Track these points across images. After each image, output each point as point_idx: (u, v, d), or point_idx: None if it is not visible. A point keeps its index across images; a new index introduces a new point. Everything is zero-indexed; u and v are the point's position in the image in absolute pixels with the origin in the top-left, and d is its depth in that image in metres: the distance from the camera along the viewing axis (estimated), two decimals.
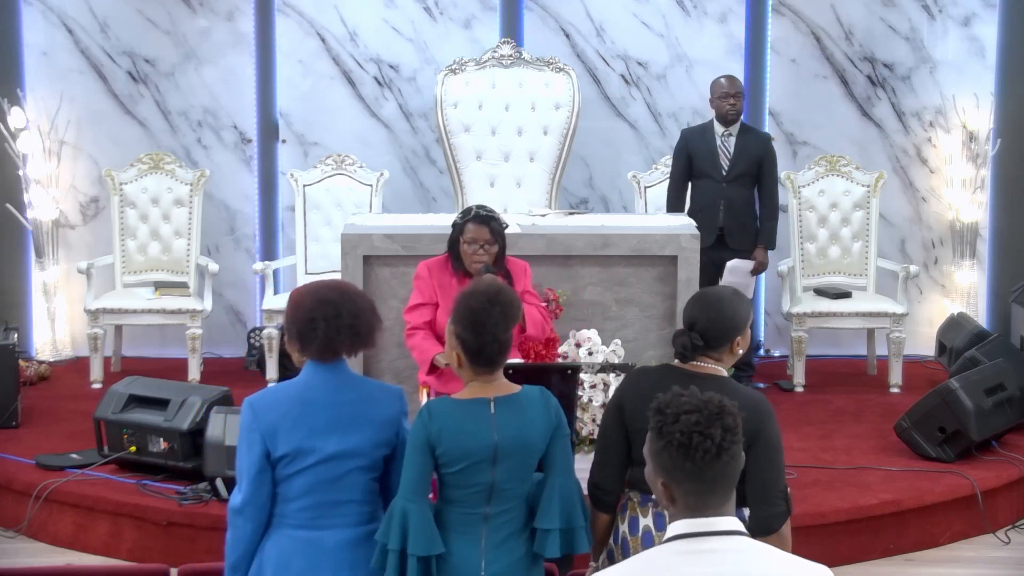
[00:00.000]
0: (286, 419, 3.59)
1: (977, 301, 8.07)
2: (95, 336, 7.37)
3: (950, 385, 6.29)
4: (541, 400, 3.69)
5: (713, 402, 2.60)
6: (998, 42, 8.01)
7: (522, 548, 3.68)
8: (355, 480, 3.64)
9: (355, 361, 5.87)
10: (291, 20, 8.01)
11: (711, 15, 8.04)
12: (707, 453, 2.55)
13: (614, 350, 5.68)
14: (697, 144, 7.16)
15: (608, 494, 3.76)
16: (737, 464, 2.59)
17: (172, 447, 5.82)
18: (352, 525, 3.65)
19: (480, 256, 5.27)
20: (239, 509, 3.61)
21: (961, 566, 5.76)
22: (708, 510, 2.57)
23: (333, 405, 3.62)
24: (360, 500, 3.66)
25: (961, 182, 8.00)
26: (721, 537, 2.56)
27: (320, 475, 3.60)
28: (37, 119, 7.84)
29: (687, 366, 3.73)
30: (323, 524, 3.62)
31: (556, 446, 3.69)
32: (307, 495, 3.61)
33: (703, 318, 3.70)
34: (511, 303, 3.67)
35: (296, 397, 3.62)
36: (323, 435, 3.59)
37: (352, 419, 3.62)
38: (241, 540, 3.63)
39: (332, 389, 3.63)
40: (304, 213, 7.72)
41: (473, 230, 5.29)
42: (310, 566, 3.60)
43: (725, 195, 7.11)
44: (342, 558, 3.62)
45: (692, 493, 2.58)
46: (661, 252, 6.01)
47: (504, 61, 7.67)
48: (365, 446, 3.63)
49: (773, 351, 8.24)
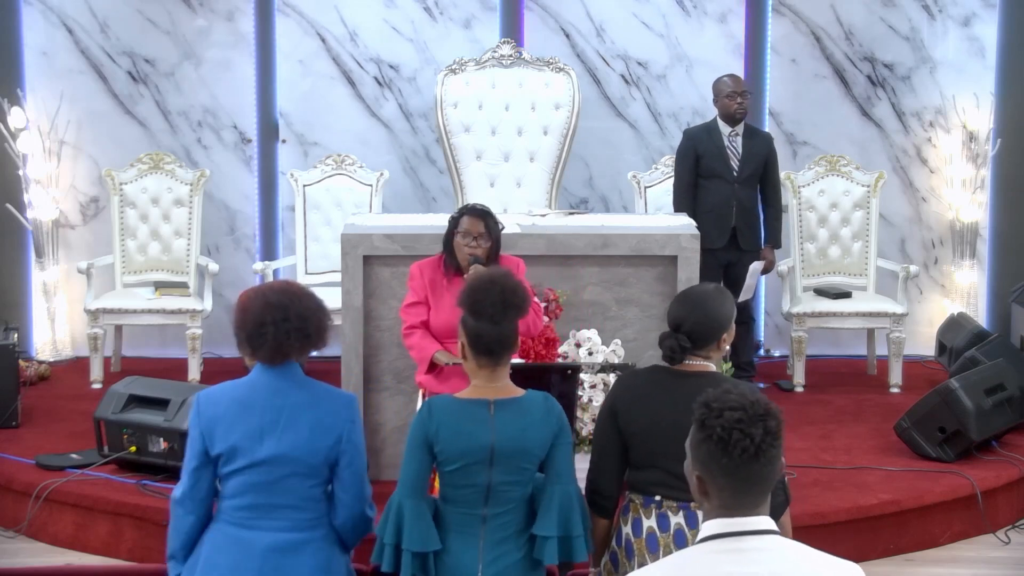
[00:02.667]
0: (223, 419, 3.61)
1: (977, 301, 8.06)
2: (95, 336, 7.37)
3: (950, 385, 6.28)
4: (543, 406, 3.68)
5: (760, 403, 2.60)
6: (998, 42, 8.01)
7: (522, 550, 3.67)
8: (291, 485, 3.62)
9: (355, 360, 5.88)
10: (291, 20, 8.01)
11: (711, 15, 8.04)
12: (745, 452, 2.55)
13: (614, 350, 5.68)
14: (706, 145, 7.15)
15: (606, 499, 3.75)
16: (774, 468, 2.59)
17: (172, 447, 5.82)
18: (286, 530, 3.63)
19: (472, 248, 5.27)
20: (179, 500, 3.67)
21: (961, 566, 5.76)
22: (743, 509, 2.58)
23: (271, 409, 3.61)
24: (296, 506, 3.64)
25: (961, 182, 8.00)
26: (757, 536, 2.57)
27: (253, 477, 3.60)
28: (37, 119, 7.84)
29: (677, 366, 3.73)
30: (256, 525, 3.62)
31: (557, 453, 3.67)
32: (241, 495, 3.62)
33: (689, 319, 3.71)
34: (514, 289, 3.66)
35: (237, 398, 3.63)
36: (257, 438, 3.59)
37: (288, 423, 3.61)
38: (180, 531, 3.67)
39: (274, 392, 3.63)
40: (304, 213, 7.72)
41: (467, 222, 5.31)
42: (237, 565, 3.60)
43: (737, 195, 7.13)
44: (270, 561, 3.61)
45: (727, 490, 2.58)
46: (661, 252, 6.00)
47: (504, 61, 7.67)
48: (300, 452, 3.60)
49: (773, 351, 8.23)
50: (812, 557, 2.61)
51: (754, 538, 2.57)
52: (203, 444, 3.62)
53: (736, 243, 7.12)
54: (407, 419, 5.76)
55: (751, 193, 7.20)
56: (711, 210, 7.07)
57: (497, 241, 5.35)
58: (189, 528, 3.67)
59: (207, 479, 3.64)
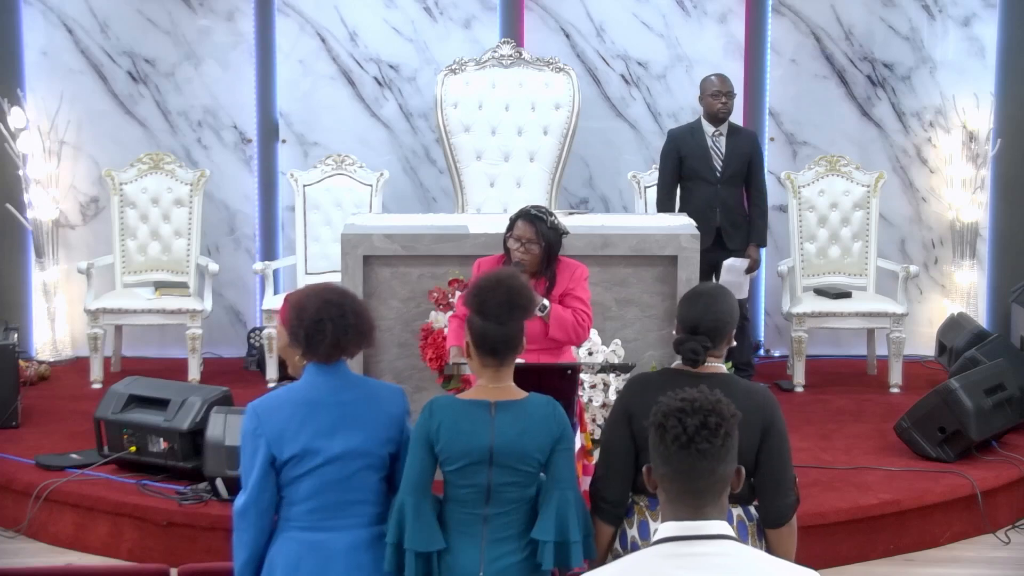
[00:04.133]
0: (291, 421, 3.60)
1: (977, 301, 8.06)
2: (95, 336, 7.37)
3: (950, 385, 6.28)
4: (546, 410, 3.66)
5: (707, 399, 2.61)
6: (998, 42, 8.01)
7: (523, 551, 3.66)
8: (363, 480, 3.64)
9: (355, 361, 5.88)
10: (291, 20, 8.01)
11: (711, 15, 8.04)
12: (676, 440, 2.56)
13: (614, 350, 5.68)
14: (689, 146, 7.16)
15: (615, 506, 3.70)
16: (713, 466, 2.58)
17: (172, 447, 5.82)
18: (362, 526, 3.64)
19: (520, 253, 5.23)
20: (242, 512, 3.61)
21: (961, 566, 5.76)
22: (690, 510, 2.57)
23: (337, 405, 3.63)
24: (368, 500, 3.66)
25: (961, 182, 8.00)
26: (710, 541, 2.54)
27: (327, 476, 3.60)
28: (37, 119, 7.84)
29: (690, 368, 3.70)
30: (332, 526, 3.62)
31: (558, 458, 3.65)
32: (315, 497, 3.60)
33: (705, 320, 3.67)
34: (520, 290, 3.66)
35: (301, 399, 3.63)
36: (329, 435, 3.60)
37: (356, 418, 3.63)
38: (246, 544, 3.63)
39: (335, 389, 3.65)
40: (304, 213, 7.72)
41: (519, 227, 5.26)
42: (320, 568, 3.58)
43: (720, 196, 7.13)
44: (352, 560, 3.61)
45: (666, 480, 2.59)
46: (661, 252, 6.00)
47: (504, 61, 7.67)
48: (371, 444, 3.64)
49: (773, 351, 8.24)
50: (767, 562, 2.58)
51: (707, 543, 2.54)
52: (268, 451, 3.59)
53: (722, 243, 7.11)
54: None
55: (735, 192, 7.19)
56: (694, 212, 7.04)
57: (552, 244, 5.25)
58: (254, 539, 3.63)
59: (271, 488, 3.61)
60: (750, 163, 7.19)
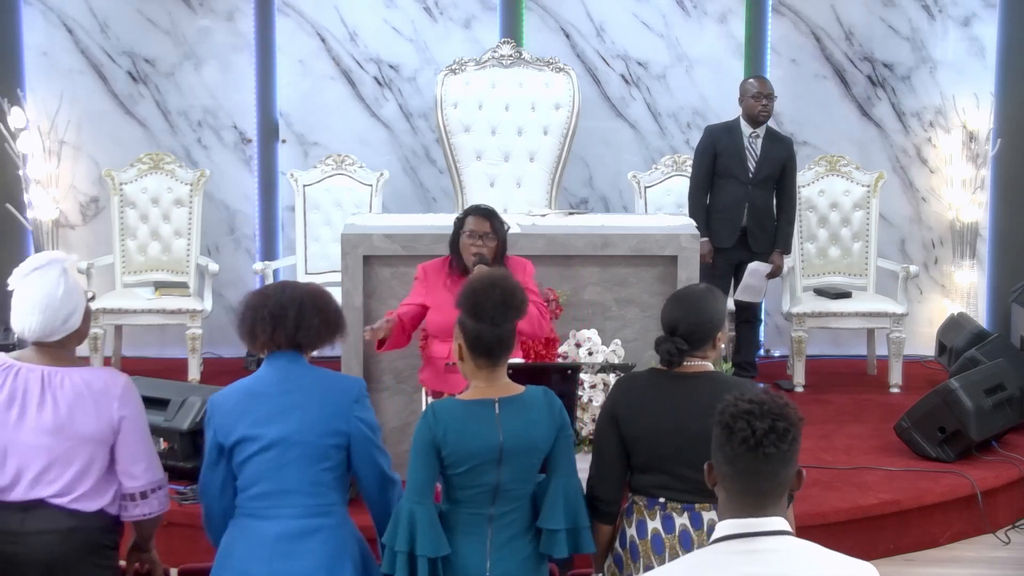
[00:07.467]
0: (235, 410, 3.73)
1: (977, 301, 8.07)
2: (95, 336, 7.37)
3: (950, 385, 6.28)
4: (545, 401, 3.69)
5: (776, 403, 2.66)
6: (998, 42, 8.01)
7: (528, 548, 3.68)
8: (298, 469, 3.69)
9: (355, 360, 5.88)
10: (291, 20, 8.01)
11: (711, 15, 8.04)
12: (744, 442, 2.59)
13: (614, 350, 5.68)
14: (724, 143, 7.16)
15: (609, 505, 3.76)
16: (779, 468, 2.62)
17: (172, 447, 5.82)
18: (295, 517, 3.70)
19: (478, 247, 5.26)
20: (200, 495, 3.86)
21: (961, 566, 5.76)
22: (751, 509, 2.61)
23: (280, 395, 3.72)
24: (303, 491, 3.70)
25: (961, 182, 8.00)
26: (770, 537, 2.59)
27: (264, 463, 3.69)
28: (37, 119, 7.84)
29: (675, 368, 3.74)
30: (267, 514, 3.70)
31: (560, 446, 3.69)
32: (255, 484, 3.71)
33: (684, 321, 3.73)
34: (514, 291, 3.67)
35: (246, 389, 3.77)
36: (266, 423, 3.70)
37: (295, 408, 3.71)
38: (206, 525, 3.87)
39: (282, 379, 3.75)
40: (304, 213, 7.72)
41: (473, 222, 5.31)
42: (248, 554, 3.69)
43: (750, 197, 7.13)
44: (278, 549, 3.67)
45: (728, 479, 2.62)
46: (661, 252, 6.00)
47: (504, 61, 7.67)
48: (306, 433, 3.69)
49: (773, 351, 8.23)
50: (826, 558, 2.65)
51: (767, 539, 2.59)
52: (215, 437, 3.74)
53: (746, 244, 7.13)
54: (407, 419, 5.77)
55: (766, 195, 7.19)
56: (722, 209, 7.08)
57: (503, 242, 5.35)
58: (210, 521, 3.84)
59: (220, 473, 3.77)
60: (783, 169, 7.20)
